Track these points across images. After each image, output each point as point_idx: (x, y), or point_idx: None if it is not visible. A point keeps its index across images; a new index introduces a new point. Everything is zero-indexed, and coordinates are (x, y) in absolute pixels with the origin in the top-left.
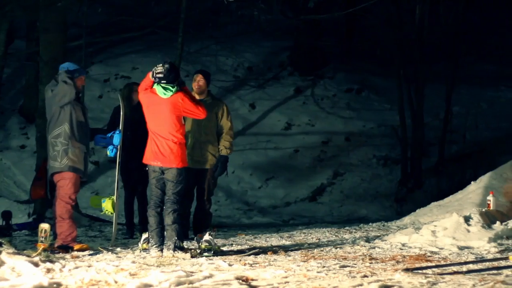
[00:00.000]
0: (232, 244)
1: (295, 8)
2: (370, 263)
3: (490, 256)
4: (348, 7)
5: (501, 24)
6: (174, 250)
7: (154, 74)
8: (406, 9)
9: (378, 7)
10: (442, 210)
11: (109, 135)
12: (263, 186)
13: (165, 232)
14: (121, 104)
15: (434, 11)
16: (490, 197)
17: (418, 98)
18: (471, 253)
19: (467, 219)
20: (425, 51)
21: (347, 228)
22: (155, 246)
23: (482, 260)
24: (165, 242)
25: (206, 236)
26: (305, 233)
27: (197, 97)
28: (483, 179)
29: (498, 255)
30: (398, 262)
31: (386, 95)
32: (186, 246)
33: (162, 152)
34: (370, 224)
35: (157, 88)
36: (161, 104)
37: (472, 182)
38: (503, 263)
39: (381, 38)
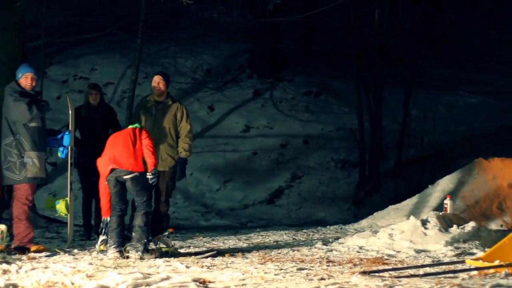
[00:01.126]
0: (189, 246)
1: (254, 10)
2: (327, 265)
3: (446, 260)
4: (308, 10)
5: (459, 28)
6: (142, 253)
7: None
8: (366, 13)
9: (337, 10)
10: (399, 214)
11: (59, 136)
12: (221, 188)
13: (133, 234)
14: (69, 104)
15: (393, 15)
16: (447, 201)
17: (377, 102)
18: (428, 256)
19: (424, 223)
20: (384, 55)
21: (304, 230)
22: (113, 247)
23: (439, 263)
24: (132, 243)
25: (164, 238)
26: (262, 235)
27: (156, 99)
28: (441, 183)
29: (455, 259)
30: (355, 265)
31: (345, 98)
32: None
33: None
34: (328, 227)
35: None
36: None
37: (429, 186)
38: (459, 266)
39: (340, 41)
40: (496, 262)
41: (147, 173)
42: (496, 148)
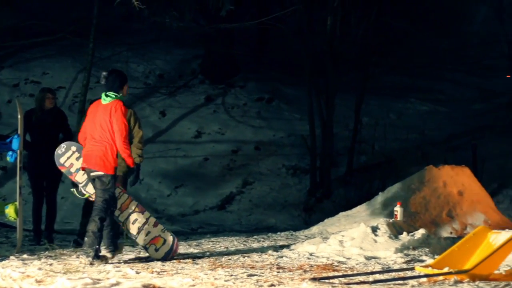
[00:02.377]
0: (140, 252)
1: (207, 16)
2: (277, 272)
3: (396, 267)
4: (260, 16)
5: (411, 36)
6: (93, 259)
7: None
8: (318, 20)
9: (290, 17)
10: (350, 220)
11: (8, 140)
12: (172, 194)
13: (86, 239)
14: (18, 109)
15: (345, 22)
16: (397, 208)
17: (328, 108)
18: (378, 263)
19: (374, 230)
20: (336, 62)
21: (255, 237)
22: (104, 247)
23: (389, 270)
24: (84, 248)
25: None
26: (213, 241)
27: None
28: (391, 190)
29: (405, 266)
30: (305, 271)
31: (297, 105)
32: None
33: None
34: (278, 233)
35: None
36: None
37: (380, 193)
38: (409, 273)
39: (292, 48)
40: (446, 269)
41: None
42: (447, 155)
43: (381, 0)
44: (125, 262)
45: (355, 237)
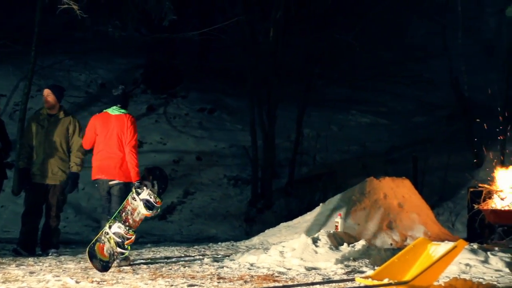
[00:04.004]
0: (80, 261)
1: (149, 26)
2: (218, 282)
3: (336, 277)
4: (203, 27)
5: (354, 49)
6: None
7: None
8: (261, 31)
9: (233, 28)
10: (290, 231)
11: None
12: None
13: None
14: None
15: (288, 34)
16: (338, 219)
17: (270, 120)
18: (318, 274)
19: (315, 240)
20: (278, 73)
21: (196, 247)
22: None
23: (329, 281)
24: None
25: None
26: (154, 251)
27: (48, 112)
28: (332, 201)
29: (345, 277)
30: (246, 281)
31: (239, 116)
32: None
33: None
34: (219, 243)
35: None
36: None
37: (321, 204)
38: (349, 284)
39: (235, 59)
40: (385, 280)
41: None
42: (387, 167)
43: (324, 12)
44: (65, 271)
45: (296, 248)
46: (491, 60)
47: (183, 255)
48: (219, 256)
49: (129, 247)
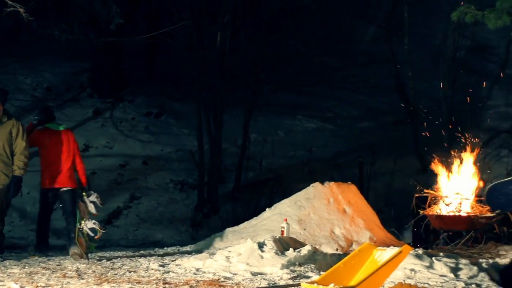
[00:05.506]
0: (25, 266)
1: (96, 29)
2: (163, 287)
3: (282, 282)
4: (150, 31)
5: (300, 54)
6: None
7: None
8: (208, 36)
9: (180, 32)
10: (237, 236)
11: None
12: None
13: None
14: None
15: (235, 39)
16: (284, 224)
17: (217, 124)
18: (264, 279)
19: (261, 246)
20: (225, 78)
21: (142, 252)
22: None
23: (275, 286)
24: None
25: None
26: (99, 256)
27: None
28: (278, 206)
29: (291, 282)
30: (191, 286)
31: (185, 120)
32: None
33: None
34: (165, 248)
35: None
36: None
37: (267, 209)
38: None
39: (182, 63)
40: (331, 286)
41: None
42: (333, 172)
43: (271, 18)
44: (9, 276)
45: (242, 253)
46: (437, 66)
47: (129, 259)
48: (165, 261)
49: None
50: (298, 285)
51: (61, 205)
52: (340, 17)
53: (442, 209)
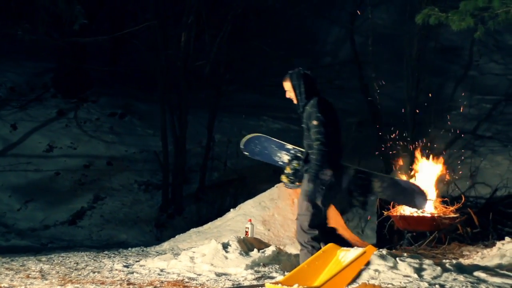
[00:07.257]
0: None
1: (60, 29)
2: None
3: (247, 283)
4: (114, 31)
5: (264, 55)
6: None
7: None
8: (172, 36)
9: (144, 32)
10: (201, 237)
11: None
12: (22, 208)
13: None
14: None
15: (199, 39)
16: (248, 225)
17: (181, 125)
18: (228, 279)
19: (225, 246)
20: (189, 78)
21: (106, 252)
22: None
23: (239, 287)
24: None
25: None
26: (63, 256)
27: None
28: (242, 207)
29: (255, 282)
30: (156, 287)
31: (150, 121)
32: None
33: None
34: (130, 249)
35: None
36: None
37: (231, 210)
38: None
39: (146, 63)
40: (295, 286)
41: None
42: None
43: (234, 18)
44: None
45: (206, 254)
46: (401, 67)
47: (92, 260)
48: (129, 261)
49: None
50: (263, 285)
51: None
52: (304, 18)
53: (406, 209)
